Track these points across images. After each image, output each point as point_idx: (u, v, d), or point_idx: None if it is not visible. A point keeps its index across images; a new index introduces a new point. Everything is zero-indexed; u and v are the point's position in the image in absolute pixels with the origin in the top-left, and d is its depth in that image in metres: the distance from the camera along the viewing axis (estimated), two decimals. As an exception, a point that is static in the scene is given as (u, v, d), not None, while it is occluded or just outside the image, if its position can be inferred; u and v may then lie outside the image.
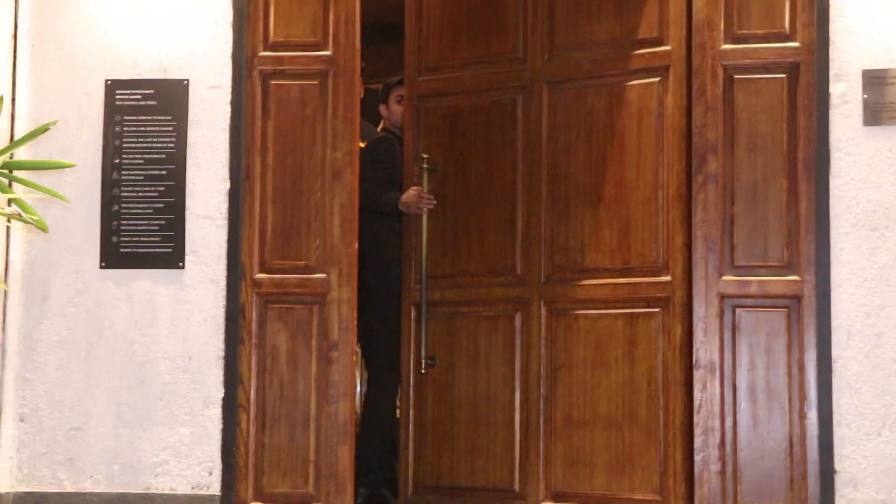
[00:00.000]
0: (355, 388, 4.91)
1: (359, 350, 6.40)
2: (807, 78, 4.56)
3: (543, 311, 5.13)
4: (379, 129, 6.05)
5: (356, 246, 4.77)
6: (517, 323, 5.19)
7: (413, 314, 5.41)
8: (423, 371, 5.31)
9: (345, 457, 4.67)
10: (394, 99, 5.89)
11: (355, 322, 4.77)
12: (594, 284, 5.02)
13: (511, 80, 5.30)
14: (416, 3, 5.56)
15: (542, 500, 5.02)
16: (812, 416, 4.47)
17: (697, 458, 4.53)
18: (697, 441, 4.53)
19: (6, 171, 3.71)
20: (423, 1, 5.54)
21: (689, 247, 4.70)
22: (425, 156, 5.39)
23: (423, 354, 5.31)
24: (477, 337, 5.29)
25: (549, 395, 5.07)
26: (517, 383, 5.16)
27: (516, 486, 5.11)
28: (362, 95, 5.79)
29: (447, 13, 5.49)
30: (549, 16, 5.23)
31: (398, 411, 5.65)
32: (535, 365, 5.12)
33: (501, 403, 5.19)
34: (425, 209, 5.37)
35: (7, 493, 4.73)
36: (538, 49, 5.25)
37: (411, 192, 5.42)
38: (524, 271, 5.20)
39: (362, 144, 5.45)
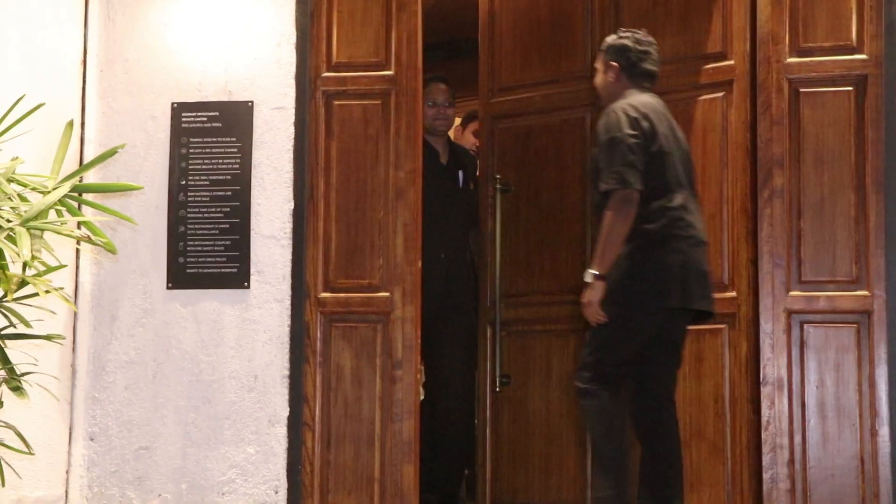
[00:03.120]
0: (419, 405, 4.90)
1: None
2: (875, 90, 4.50)
3: (616, 327, 5.10)
4: None
5: (419, 264, 4.78)
6: (588, 340, 5.19)
7: (489, 333, 5.45)
8: (497, 389, 5.35)
9: (409, 475, 4.66)
10: (470, 129, 5.95)
11: (419, 340, 4.77)
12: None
13: (580, 99, 5.32)
14: (489, 26, 5.62)
15: (614, 517, 5.00)
16: (884, 432, 4.39)
17: (766, 475, 4.46)
18: (766, 459, 4.47)
19: (75, 195, 3.75)
20: (496, 23, 5.60)
21: (754, 262, 4.63)
22: (498, 176, 5.45)
23: (497, 373, 5.35)
24: (549, 354, 5.31)
25: (622, 412, 5.05)
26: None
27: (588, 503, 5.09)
28: None
29: (518, 34, 5.54)
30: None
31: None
32: (608, 382, 5.09)
33: (574, 420, 5.16)
34: None
35: (78, 512, 4.79)
36: (606, 67, 5.24)
37: None
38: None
39: None
